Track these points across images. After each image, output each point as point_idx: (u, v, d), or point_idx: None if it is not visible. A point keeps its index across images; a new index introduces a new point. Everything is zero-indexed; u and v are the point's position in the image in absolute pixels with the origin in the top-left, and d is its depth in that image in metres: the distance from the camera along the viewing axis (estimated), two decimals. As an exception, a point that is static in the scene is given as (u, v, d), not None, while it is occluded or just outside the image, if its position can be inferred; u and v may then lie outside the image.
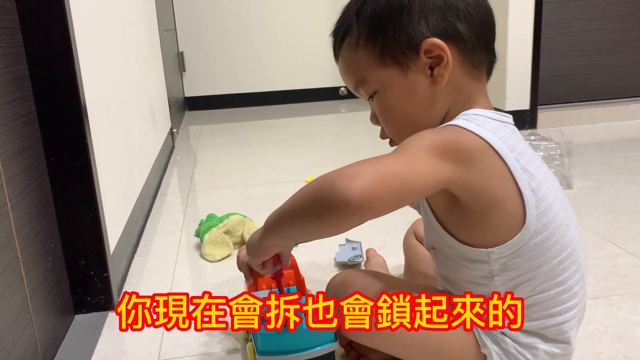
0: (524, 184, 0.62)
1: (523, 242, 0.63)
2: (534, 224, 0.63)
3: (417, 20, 0.64)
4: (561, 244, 0.65)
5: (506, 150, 0.62)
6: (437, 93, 0.66)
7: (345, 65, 0.71)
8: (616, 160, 1.87)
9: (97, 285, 1.02)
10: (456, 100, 0.67)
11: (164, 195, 1.76)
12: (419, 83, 0.66)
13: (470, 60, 0.66)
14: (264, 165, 2.04)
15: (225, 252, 1.24)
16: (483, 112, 0.65)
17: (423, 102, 0.67)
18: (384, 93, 0.68)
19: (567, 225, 0.66)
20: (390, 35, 0.65)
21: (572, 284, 0.67)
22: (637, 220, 1.34)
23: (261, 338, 0.72)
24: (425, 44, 0.64)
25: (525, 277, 0.65)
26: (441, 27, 0.64)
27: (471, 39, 0.65)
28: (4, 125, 0.80)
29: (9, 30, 0.85)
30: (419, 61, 0.65)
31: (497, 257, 0.65)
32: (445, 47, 0.64)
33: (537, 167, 0.65)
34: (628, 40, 2.50)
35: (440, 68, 0.65)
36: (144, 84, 1.82)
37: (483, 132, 0.62)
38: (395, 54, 0.66)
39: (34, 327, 0.84)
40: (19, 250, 0.80)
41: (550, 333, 0.68)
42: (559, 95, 2.51)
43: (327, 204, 0.55)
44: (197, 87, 3.39)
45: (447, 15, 0.64)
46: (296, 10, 3.36)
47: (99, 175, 1.02)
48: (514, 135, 0.65)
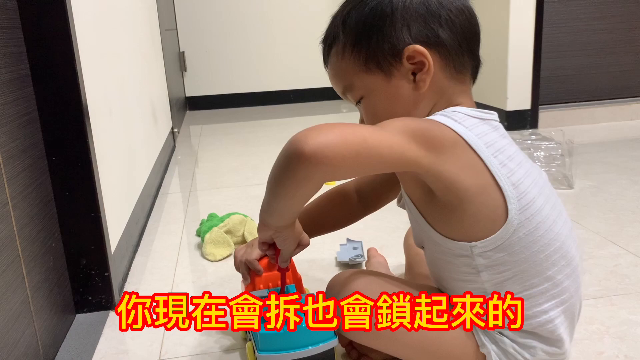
0: (502, 178, 0.63)
1: (506, 236, 0.64)
2: (516, 217, 0.63)
3: (400, 28, 0.66)
4: (547, 238, 0.65)
5: (481, 146, 0.63)
6: (420, 96, 0.68)
7: (333, 72, 0.74)
8: (617, 160, 1.86)
9: (98, 284, 1.02)
10: (439, 102, 0.69)
11: (165, 194, 1.76)
12: (402, 88, 0.68)
13: (452, 65, 0.68)
14: (265, 165, 2.04)
15: (226, 252, 1.24)
16: (462, 109, 0.66)
17: (407, 106, 0.69)
18: (369, 98, 0.71)
19: (554, 220, 0.67)
20: (374, 43, 0.68)
21: (562, 279, 0.67)
22: (638, 220, 1.34)
23: (261, 336, 0.72)
24: (407, 51, 0.66)
25: (511, 272, 0.66)
26: (423, 34, 0.66)
27: (453, 44, 0.67)
28: (5, 124, 0.80)
29: (10, 30, 0.85)
30: (402, 67, 0.67)
31: (480, 252, 0.65)
32: (427, 54, 0.66)
33: (518, 163, 0.66)
34: (629, 40, 2.50)
35: (422, 74, 0.67)
36: (145, 83, 1.82)
37: (458, 127, 0.63)
38: (379, 61, 0.68)
39: (35, 327, 0.84)
40: (20, 249, 0.80)
41: (544, 332, 0.68)
42: (560, 95, 2.51)
43: (288, 155, 0.58)
44: (198, 87, 3.39)
45: (429, 22, 0.66)
46: (297, 9, 3.36)
47: (100, 174, 1.02)
48: (494, 132, 0.66)
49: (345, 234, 1.30)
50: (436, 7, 0.67)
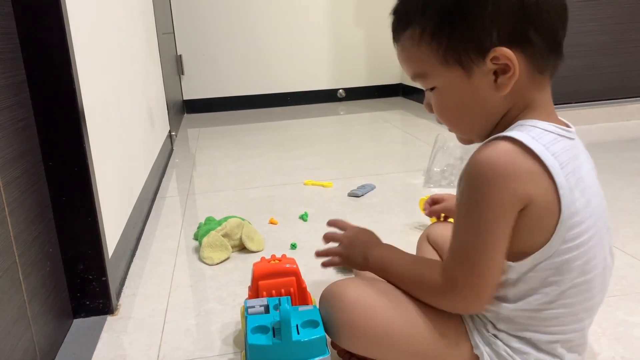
0: (566, 204, 0.61)
1: (542, 258, 0.63)
2: (558, 244, 0.62)
3: (489, 24, 0.61)
4: (582, 270, 0.64)
5: (557, 169, 0.60)
6: (499, 98, 0.65)
7: (405, 55, 0.69)
8: (614, 161, 1.87)
9: (95, 289, 1.02)
10: (515, 105, 0.65)
11: (162, 198, 1.76)
12: (480, 88, 0.64)
13: (536, 66, 0.64)
14: (263, 168, 2.04)
15: (224, 255, 1.24)
16: (540, 123, 0.63)
17: (482, 106, 0.66)
18: (443, 92, 0.67)
19: (596, 254, 0.65)
20: (458, 36, 0.62)
21: (578, 310, 0.66)
22: (635, 221, 1.34)
23: (250, 349, 0.72)
24: (494, 52, 0.61)
25: (535, 291, 0.65)
26: (512, 33, 0.61)
27: (541, 45, 0.62)
28: (2, 130, 0.80)
29: (6, 36, 0.85)
30: (484, 66, 0.62)
31: (515, 270, 0.64)
32: (514, 58, 0.61)
33: (583, 189, 0.63)
34: (625, 41, 2.51)
35: (505, 77, 0.62)
36: (142, 87, 1.82)
37: (536, 145, 0.60)
38: (460, 56, 0.63)
39: (33, 332, 0.84)
40: (17, 255, 0.80)
41: (543, 345, 0.68)
42: (556, 96, 2.48)
43: (438, 290, 0.68)
44: (196, 90, 3.39)
45: (521, 20, 0.61)
46: (294, 13, 3.36)
47: (97, 179, 1.02)
48: (570, 151, 0.64)
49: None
50: (530, 2, 0.60)
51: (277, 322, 0.73)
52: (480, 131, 0.69)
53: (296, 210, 1.53)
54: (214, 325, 0.98)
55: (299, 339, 0.71)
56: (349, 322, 0.71)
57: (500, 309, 0.67)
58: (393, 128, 2.69)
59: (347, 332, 0.72)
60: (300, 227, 1.42)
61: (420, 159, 1.94)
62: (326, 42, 3.41)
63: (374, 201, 1.60)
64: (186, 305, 1.06)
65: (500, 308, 0.67)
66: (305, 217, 1.47)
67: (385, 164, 1.99)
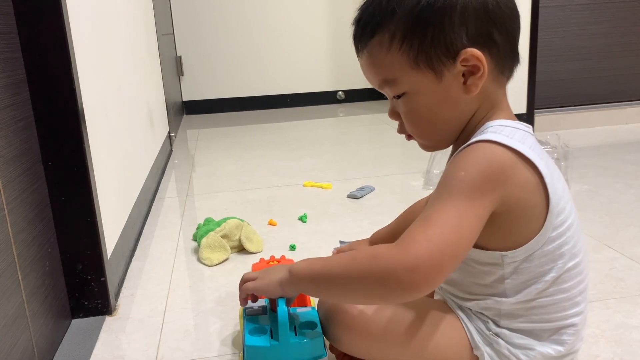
0: (552, 191, 0.63)
1: (536, 247, 0.64)
2: (549, 231, 0.64)
3: (458, 27, 0.62)
4: (571, 254, 0.66)
5: (538, 159, 0.62)
6: (467, 99, 0.66)
7: (372, 62, 0.68)
8: (613, 164, 1.87)
9: (94, 289, 1.02)
10: (482, 106, 0.67)
11: (161, 199, 1.76)
12: (451, 90, 0.65)
13: (500, 67, 0.66)
14: (262, 169, 2.04)
15: (223, 256, 1.24)
16: (508, 122, 0.66)
17: (452, 108, 0.67)
18: (413, 96, 0.67)
19: (578, 237, 0.67)
20: (429, 39, 0.63)
21: (575, 294, 0.68)
22: (633, 224, 1.35)
23: (247, 350, 0.72)
24: (464, 53, 0.62)
25: (533, 281, 0.66)
26: (479, 35, 0.63)
27: (505, 46, 0.64)
28: (1, 130, 0.80)
29: (7, 35, 0.85)
30: (454, 68, 0.64)
31: (510, 261, 0.65)
32: (483, 59, 0.62)
33: (558, 178, 0.66)
34: (624, 45, 2.51)
35: (475, 78, 0.64)
36: (142, 88, 1.82)
37: (513, 142, 0.62)
38: (431, 59, 0.63)
39: (31, 332, 0.84)
40: (16, 254, 0.80)
41: (546, 335, 0.68)
42: (556, 99, 2.52)
43: (389, 290, 0.59)
44: (195, 91, 3.39)
45: (485, 22, 0.63)
46: (294, 14, 3.36)
47: (96, 179, 1.02)
48: (537, 144, 0.66)
49: (340, 235, 1.30)
50: (493, 7, 0.63)
51: (275, 323, 0.73)
52: (450, 135, 0.70)
53: (295, 212, 1.53)
54: (213, 326, 0.98)
55: (297, 340, 0.70)
56: (349, 324, 0.71)
57: (502, 305, 0.67)
58: (392, 130, 2.68)
59: (347, 335, 0.72)
60: (299, 229, 1.42)
61: (420, 160, 1.94)
62: (326, 44, 3.41)
63: (373, 203, 1.60)
64: (185, 306, 1.06)
65: (501, 304, 0.67)
66: (305, 218, 1.47)
67: (385, 166, 1.99)
